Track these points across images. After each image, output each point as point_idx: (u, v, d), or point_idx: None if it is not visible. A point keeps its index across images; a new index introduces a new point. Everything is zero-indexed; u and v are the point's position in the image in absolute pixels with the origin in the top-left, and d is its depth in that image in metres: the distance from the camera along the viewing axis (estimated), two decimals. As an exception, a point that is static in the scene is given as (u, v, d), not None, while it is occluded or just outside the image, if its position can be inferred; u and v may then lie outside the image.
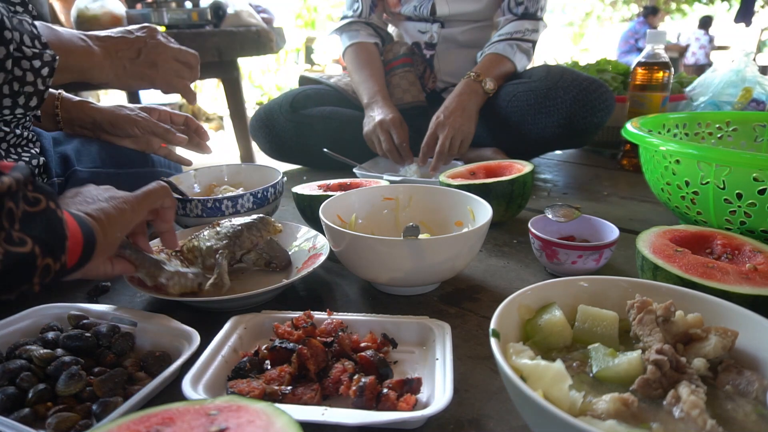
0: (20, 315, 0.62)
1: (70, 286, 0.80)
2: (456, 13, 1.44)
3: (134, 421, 0.37)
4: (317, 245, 0.81)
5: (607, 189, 1.31)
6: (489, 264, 0.87)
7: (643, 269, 0.71)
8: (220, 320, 0.63)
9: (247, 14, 2.37)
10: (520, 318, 0.51)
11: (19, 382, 0.52)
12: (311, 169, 1.55)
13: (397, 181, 1.17)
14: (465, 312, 0.72)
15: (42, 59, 0.70)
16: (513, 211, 1.01)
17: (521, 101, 1.31)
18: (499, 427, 0.51)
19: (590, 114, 1.26)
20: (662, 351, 0.44)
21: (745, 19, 8.00)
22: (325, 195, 0.91)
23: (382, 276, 0.72)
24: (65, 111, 0.95)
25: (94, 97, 4.13)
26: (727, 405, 0.42)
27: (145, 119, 0.96)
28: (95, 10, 1.97)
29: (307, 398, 0.51)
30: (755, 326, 0.46)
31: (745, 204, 0.79)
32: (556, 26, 10.46)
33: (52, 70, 0.71)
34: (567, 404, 0.41)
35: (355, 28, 1.51)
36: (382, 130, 1.31)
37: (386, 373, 0.54)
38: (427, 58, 1.52)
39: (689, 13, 11.47)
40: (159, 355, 0.57)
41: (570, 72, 1.30)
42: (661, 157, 0.88)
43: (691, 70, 7.23)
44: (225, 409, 0.38)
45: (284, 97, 1.52)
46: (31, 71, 0.69)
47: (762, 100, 1.49)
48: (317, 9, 7.91)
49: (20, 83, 0.69)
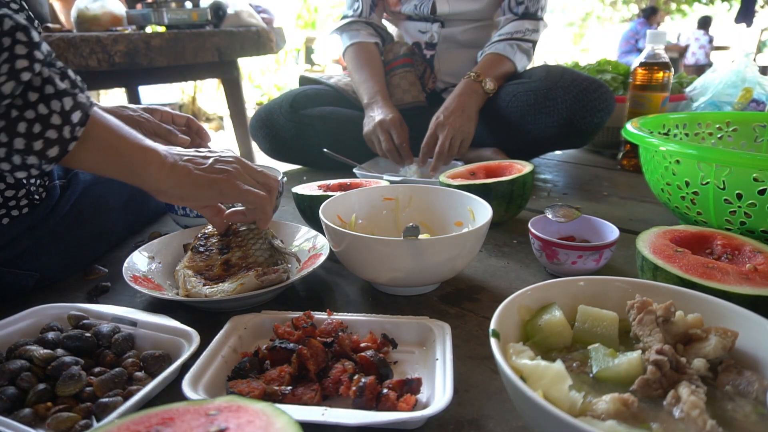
0: (20, 315, 0.62)
1: (71, 286, 0.81)
2: (456, 12, 1.44)
3: (134, 421, 0.37)
4: (317, 245, 0.81)
5: (607, 189, 1.31)
6: (489, 264, 0.87)
7: (643, 269, 0.70)
8: (220, 320, 0.63)
9: (247, 14, 2.37)
10: (520, 318, 0.51)
11: (19, 382, 0.52)
12: (311, 169, 1.55)
13: (397, 181, 1.17)
14: (465, 312, 0.72)
15: (76, 99, 0.57)
16: (513, 211, 1.01)
17: (521, 101, 1.31)
18: (499, 427, 0.51)
19: (590, 114, 1.26)
20: (662, 351, 0.44)
21: (746, 20, 8.01)
22: (325, 195, 0.91)
23: (382, 276, 0.72)
24: None
25: (94, 97, 4.13)
26: (727, 405, 0.42)
27: (147, 120, 0.96)
28: (95, 10, 1.97)
29: (307, 398, 0.51)
30: (755, 326, 0.46)
31: (745, 204, 0.79)
32: (557, 26, 10.46)
33: (86, 118, 0.57)
34: (567, 404, 0.41)
35: (356, 27, 1.51)
36: (382, 130, 1.31)
37: (386, 374, 0.54)
38: (427, 58, 1.52)
39: (689, 13, 11.48)
40: (159, 355, 0.57)
41: (570, 72, 1.30)
42: (661, 158, 0.88)
43: (691, 70, 7.22)
44: (225, 409, 0.38)
45: (284, 97, 1.52)
46: (59, 114, 0.55)
47: (762, 101, 1.49)
48: (317, 9, 7.91)
49: (42, 124, 0.55)
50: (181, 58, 2.01)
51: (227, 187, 0.67)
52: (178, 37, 1.98)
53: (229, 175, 0.68)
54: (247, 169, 0.71)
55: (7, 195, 0.71)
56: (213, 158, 0.69)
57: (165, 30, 2.05)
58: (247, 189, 0.69)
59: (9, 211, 0.72)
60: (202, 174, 0.67)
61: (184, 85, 5.46)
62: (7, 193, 0.71)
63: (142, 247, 0.81)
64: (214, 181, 0.67)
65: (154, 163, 0.63)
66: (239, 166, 0.70)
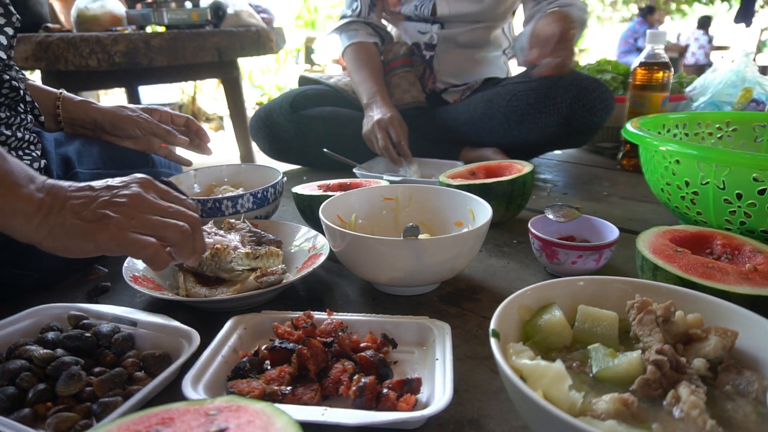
0: (20, 315, 0.62)
1: (71, 286, 0.81)
2: (456, 14, 1.44)
3: (134, 421, 0.37)
4: (317, 245, 0.81)
5: (607, 189, 1.31)
6: (489, 264, 0.87)
7: (643, 269, 0.70)
8: (220, 320, 0.63)
9: (247, 14, 2.37)
10: (520, 318, 0.51)
11: (19, 382, 0.52)
12: (311, 169, 1.55)
13: (397, 181, 1.17)
14: (465, 312, 0.72)
15: None
16: (513, 211, 1.01)
17: (521, 100, 1.31)
18: (499, 427, 0.51)
19: (590, 114, 1.26)
20: (662, 351, 0.44)
21: (745, 20, 8.00)
22: (325, 195, 0.91)
23: (382, 276, 0.72)
24: (66, 111, 0.95)
25: (94, 97, 4.13)
26: (727, 405, 0.42)
27: (146, 120, 0.96)
28: (95, 10, 1.97)
29: (307, 398, 0.51)
30: (755, 326, 0.46)
31: (745, 204, 0.79)
32: (556, 26, 10.49)
33: None
34: (567, 404, 0.41)
35: (354, 27, 1.51)
36: (380, 129, 1.31)
37: (386, 373, 0.54)
38: (426, 59, 1.52)
39: (689, 13, 11.47)
40: (159, 355, 0.57)
41: (570, 71, 1.30)
42: (661, 157, 0.88)
43: (691, 70, 7.22)
44: (225, 409, 0.38)
45: (284, 97, 1.52)
46: None
47: (762, 100, 1.49)
48: (317, 9, 7.91)
49: None
50: (180, 58, 2.01)
51: (104, 237, 0.55)
52: (178, 37, 1.98)
53: (109, 222, 0.56)
54: (147, 204, 0.59)
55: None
56: (102, 199, 0.58)
57: (165, 30, 2.06)
58: (134, 238, 0.56)
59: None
60: (78, 223, 0.56)
61: (183, 85, 5.46)
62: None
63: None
64: (89, 232, 0.55)
65: (21, 213, 0.54)
66: (136, 203, 0.58)
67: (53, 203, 0.56)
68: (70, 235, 0.55)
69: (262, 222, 0.89)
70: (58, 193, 0.57)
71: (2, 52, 0.76)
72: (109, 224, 0.56)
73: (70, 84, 1.81)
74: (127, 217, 0.57)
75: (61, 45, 1.74)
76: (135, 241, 0.56)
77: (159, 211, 0.59)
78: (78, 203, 0.57)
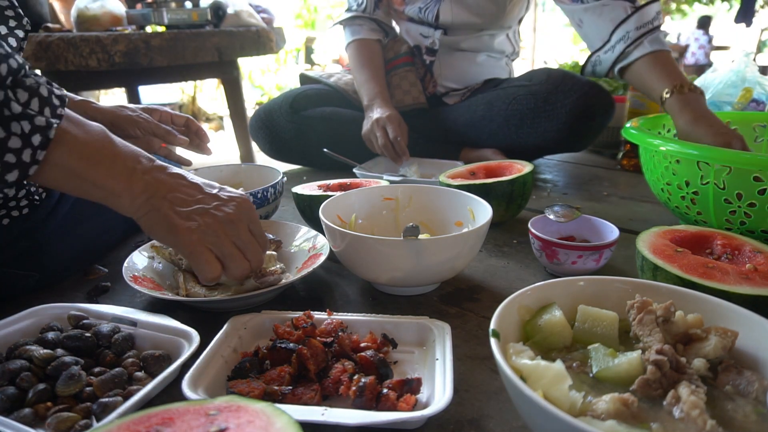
0: (20, 315, 0.62)
1: (71, 286, 0.81)
2: (459, 23, 1.43)
3: (134, 421, 0.37)
4: (317, 245, 0.81)
5: (607, 189, 1.31)
6: (489, 264, 0.87)
7: (643, 269, 0.70)
8: (220, 320, 0.63)
9: (247, 14, 2.37)
10: (520, 318, 0.51)
11: (19, 382, 0.52)
12: (311, 169, 1.56)
13: (397, 181, 1.17)
14: (465, 312, 0.72)
15: (33, 122, 0.53)
16: (513, 211, 1.01)
17: (521, 105, 1.31)
18: (499, 427, 0.51)
19: (590, 119, 1.25)
20: (662, 351, 0.44)
21: (746, 20, 7.99)
22: (325, 195, 0.91)
23: (382, 276, 0.72)
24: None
25: (94, 97, 4.13)
26: (727, 405, 0.42)
27: (146, 120, 0.96)
28: (95, 10, 1.97)
29: (307, 398, 0.51)
30: (755, 326, 0.46)
31: (745, 204, 0.79)
32: (556, 27, 10.45)
33: (47, 141, 0.54)
34: (567, 404, 0.41)
35: (359, 23, 1.50)
36: (378, 127, 1.31)
37: (386, 374, 0.54)
38: (427, 64, 1.52)
39: (689, 13, 11.46)
40: (159, 355, 0.57)
41: (570, 76, 1.30)
42: (661, 157, 0.88)
43: (691, 70, 7.22)
44: (225, 409, 0.38)
45: (284, 97, 1.52)
46: (19, 136, 0.52)
47: (762, 100, 1.49)
48: (317, 9, 7.90)
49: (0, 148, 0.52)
50: (180, 58, 2.01)
51: (183, 240, 0.59)
52: (178, 37, 1.98)
53: (195, 230, 0.59)
54: (233, 230, 0.61)
55: (8, 195, 0.71)
56: (202, 206, 0.61)
57: (165, 30, 2.06)
58: (206, 256, 0.59)
59: (9, 212, 0.72)
60: (171, 215, 0.59)
61: (183, 85, 5.45)
62: (8, 193, 0.71)
63: (142, 247, 0.81)
64: (175, 228, 0.59)
65: (128, 194, 0.58)
66: (226, 223, 0.61)
67: (158, 189, 0.60)
68: (160, 223, 0.60)
69: (262, 222, 0.89)
70: (165, 181, 0.61)
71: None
72: (195, 232, 0.59)
73: (70, 84, 1.81)
74: (211, 233, 0.60)
75: (61, 45, 1.73)
76: (205, 259, 0.60)
77: (240, 240, 0.62)
78: (179, 198, 0.61)
